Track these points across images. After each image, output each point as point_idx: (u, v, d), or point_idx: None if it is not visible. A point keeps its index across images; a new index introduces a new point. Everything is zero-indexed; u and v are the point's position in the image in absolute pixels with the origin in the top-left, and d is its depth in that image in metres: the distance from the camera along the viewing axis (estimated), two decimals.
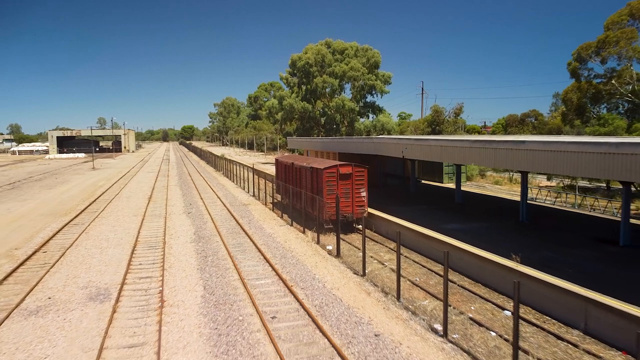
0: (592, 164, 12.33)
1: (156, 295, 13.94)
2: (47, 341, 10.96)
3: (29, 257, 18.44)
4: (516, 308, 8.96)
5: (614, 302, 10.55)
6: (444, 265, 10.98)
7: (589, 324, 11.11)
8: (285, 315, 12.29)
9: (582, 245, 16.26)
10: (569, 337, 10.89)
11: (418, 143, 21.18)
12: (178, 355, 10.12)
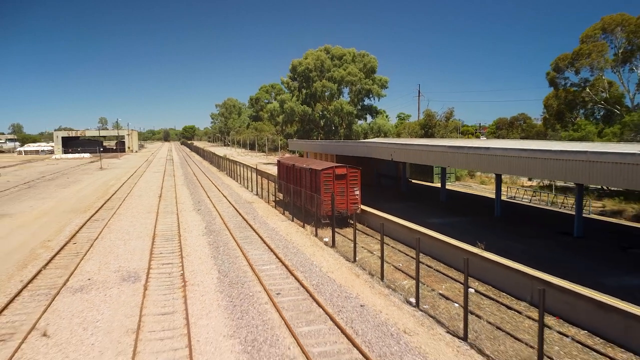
0: (539, 168, 14.96)
1: (179, 277, 16.55)
2: (96, 310, 13.55)
3: (62, 248, 21.03)
4: (466, 280, 11.56)
5: (553, 279, 13.13)
6: (416, 250, 13.57)
7: (534, 297, 13.68)
8: (287, 292, 14.87)
9: (543, 236, 18.87)
10: (517, 307, 13.47)
11: (404, 147, 23.82)
12: (203, 319, 12.72)
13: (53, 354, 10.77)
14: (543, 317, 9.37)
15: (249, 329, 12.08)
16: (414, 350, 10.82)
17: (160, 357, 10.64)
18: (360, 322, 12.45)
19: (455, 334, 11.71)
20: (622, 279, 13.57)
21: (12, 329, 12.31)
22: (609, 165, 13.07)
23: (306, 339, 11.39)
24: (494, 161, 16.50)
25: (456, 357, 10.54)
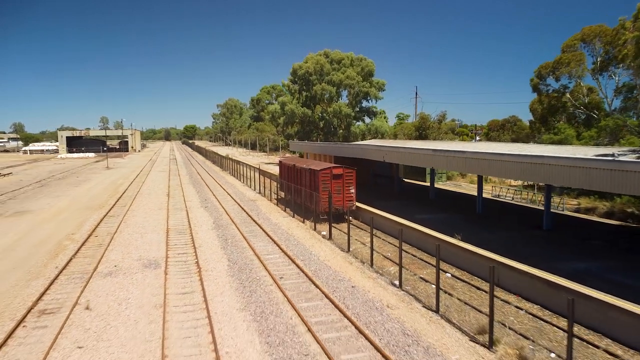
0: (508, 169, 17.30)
1: (194, 264, 18.89)
2: (125, 290, 15.88)
3: (86, 240, 23.35)
4: (437, 263, 13.87)
5: (514, 264, 15.43)
6: (399, 239, 15.90)
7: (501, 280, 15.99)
8: (289, 276, 17.20)
9: (516, 229, 21.20)
10: (484, 287, 15.78)
11: (395, 150, 26.17)
12: (218, 297, 15.04)
13: (97, 322, 13.10)
14: (493, 290, 11.67)
15: (257, 304, 14.41)
16: (394, 320, 13.14)
17: (185, 325, 12.96)
18: (351, 299, 14.78)
19: (430, 308, 14.04)
20: (574, 264, 15.87)
21: (58, 304, 14.64)
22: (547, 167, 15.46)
23: (305, 312, 13.70)
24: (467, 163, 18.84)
25: (428, 324, 12.87)
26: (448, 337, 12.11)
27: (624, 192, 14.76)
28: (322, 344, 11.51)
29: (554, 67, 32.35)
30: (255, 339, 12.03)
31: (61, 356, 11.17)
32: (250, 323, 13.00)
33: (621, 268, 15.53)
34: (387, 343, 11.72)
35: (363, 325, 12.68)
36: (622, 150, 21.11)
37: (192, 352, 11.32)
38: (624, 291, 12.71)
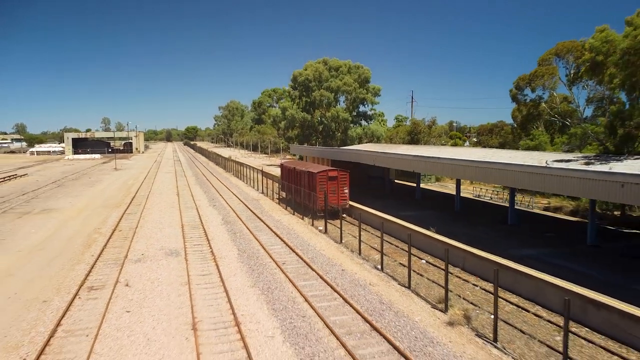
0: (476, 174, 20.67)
1: (209, 253, 22.22)
2: (155, 272, 19.22)
3: (112, 234, 26.68)
4: (409, 250, 17.22)
5: (479, 252, 18.75)
6: (381, 230, 19.24)
7: (465, 264, 19.34)
8: (290, 262, 20.53)
9: (485, 224, 24.55)
10: (452, 271, 19.10)
11: (383, 155, 29.55)
12: (231, 277, 18.37)
13: (138, 294, 16.46)
14: (448, 267, 15.02)
15: (264, 282, 17.76)
16: (374, 293, 16.49)
17: (207, 297, 16.29)
18: (341, 279, 18.12)
19: (404, 285, 17.38)
20: (524, 251, 19.18)
21: (102, 282, 17.99)
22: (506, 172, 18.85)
23: (303, 288, 17.02)
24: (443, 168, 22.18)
25: (400, 297, 16.22)
26: (415, 305, 15.46)
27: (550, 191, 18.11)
28: (316, 310, 14.85)
29: (529, 79, 35.68)
30: (263, 306, 15.38)
31: (115, 317, 14.51)
32: (259, 295, 16.35)
33: (562, 254, 18.85)
34: (367, 309, 15.05)
35: (349, 297, 16.02)
36: (577, 156, 24.44)
37: (215, 314, 14.66)
38: (554, 269, 16.05)
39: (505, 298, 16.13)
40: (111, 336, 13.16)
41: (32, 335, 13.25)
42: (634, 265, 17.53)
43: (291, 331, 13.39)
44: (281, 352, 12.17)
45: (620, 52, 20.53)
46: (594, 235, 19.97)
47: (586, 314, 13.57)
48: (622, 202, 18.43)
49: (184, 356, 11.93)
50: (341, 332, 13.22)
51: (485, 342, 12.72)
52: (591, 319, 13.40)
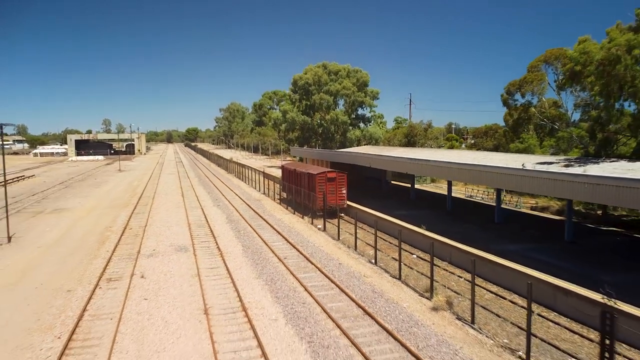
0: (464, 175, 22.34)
1: (216, 249, 23.88)
2: (167, 266, 20.88)
3: (123, 232, 28.34)
4: (399, 245, 18.88)
5: (464, 246, 20.41)
6: (374, 227, 20.90)
7: (452, 258, 20.99)
8: (291, 257, 22.18)
9: (473, 222, 26.21)
10: (440, 264, 20.76)
11: (378, 158, 31.25)
12: (237, 270, 20.02)
13: (153, 284, 18.12)
14: (433, 260, 16.69)
15: (268, 274, 19.42)
16: (367, 284, 18.14)
17: (216, 287, 17.95)
18: (338, 272, 19.78)
19: (395, 276, 19.05)
20: (506, 246, 20.80)
21: (119, 274, 19.65)
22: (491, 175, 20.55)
23: (303, 279, 18.67)
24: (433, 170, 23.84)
25: (391, 287, 17.88)
26: (404, 294, 17.14)
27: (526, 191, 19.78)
28: (315, 297, 16.51)
29: (519, 85, 37.36)
30: (267, 294, 17.04)
31: (134, 304, 16.17)
32: (263, 286, 18.01)
33: (541, 249, 20.49)
34: (360, 297, 16.71)
35: (344, 287, 17.68)
36: (560, 159, 26.11)
37: (224, 301, 16.32)
38: (533, 263, 17.69)
39: (487, 288, 17.80)
40: (133, 319, 14.83)
41: (63, 319, 14.92)
42: (603, 260, 19.18)
43: (292, 315, 15.05)
44: (284, 332, 13.83)
45: (596, 63, 22.21)
46: (571, 233, 21.62)
47: (555, 300, 15.24)
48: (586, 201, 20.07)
49: (198, 335, 13.59)
50: (337, 316, 14.88)
51: (464, 324, 14.39)
52: (559, 304, 15.07)
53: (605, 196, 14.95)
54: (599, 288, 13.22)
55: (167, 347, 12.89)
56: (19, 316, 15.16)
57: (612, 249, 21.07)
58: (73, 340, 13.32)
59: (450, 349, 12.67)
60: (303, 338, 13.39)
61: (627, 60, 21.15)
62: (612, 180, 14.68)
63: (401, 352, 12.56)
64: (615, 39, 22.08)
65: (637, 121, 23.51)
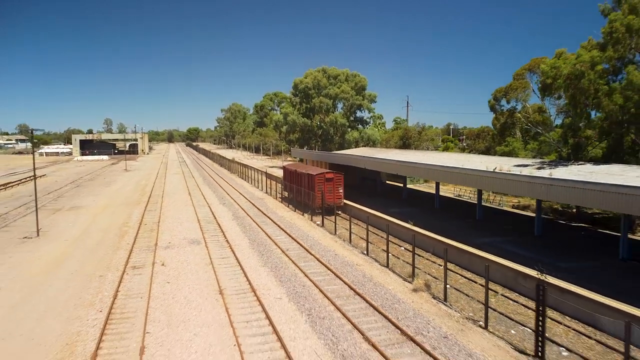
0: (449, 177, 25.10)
1: (225, 242, 26.64)
2: (183, 256, 23.63)
3: (139, 227, 31.10)
4: (387, 238, 21.64)
5: (440, 237, 23.13)
6: (366, 223, 23.65)
7: (435, 250, 23.73)
8: (292, 249, 24.94)
9: (457, 219, 28.96)
10: (424, 255, 23.49)
11: (370, 160, 34.02)
12: (245, 259, 22.79)
13: (173, 271, 20.89)
14: (414, 249, 19.45)
15: (272, 263, 22.19)
16: (359, 271, 20.90)
17: (228, 273, 20.70)
18: (334, 261, 22.54)
19: (383, 265, 21.80)
20: (482, 239, 23.53)
21: (142, 263, 22.41)
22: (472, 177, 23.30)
23: (303, 267, 21.40)
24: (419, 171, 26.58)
25: (379, 273, 20.64)
26: (390, 279, 19.90)
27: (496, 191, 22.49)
28: (313, 281, 19.27)
29: (505, 91, 40.09)
30: (272, 279, 19.81)
31: (159, 286, 18.93)
32: (269, 272, 20.78)
33: (511, 242, 23.25)
34: (352, 281, 19.46)
35: (339, 273, 20.43)
36: (536, 162, 28.84)
37: (235, 284, 19.07)
38: (503, 253, 20.42)
39: (462, 274, 20.56)
40: (159, 298, 17.60)
41: (100, 297, 17.70)
42: (563, 250, 21.92)
43: (294, 295, 17.82)
44: (287, 307, 16.60)
45: (564, 77, 24.90)
46: (540, 228, 24.36)
47: (517, 283, 18.00)
48: (542, 199, 22.73)
49: (216, 310, 16.35)
50: (332, 295, 17.63)
51: (438, 301, 17.16)
52: (520, 287, 17.82)
53: (556, 195, 17.69)
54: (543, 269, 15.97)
55: (191, 317, 15.66)
56: (64, 295, 17.94)
57: (574, 241, 23.85)
58: (113, 314, 16.09)
59: (423, 320, 15.44)
60: (303, 312, 16.15)
61: (590, 75, 23.88)
62: (561, 181, 17.41)
63: (384, 322, 15.32)
64: (582, 55, 24.81)
65: (602, 128, 26.22)
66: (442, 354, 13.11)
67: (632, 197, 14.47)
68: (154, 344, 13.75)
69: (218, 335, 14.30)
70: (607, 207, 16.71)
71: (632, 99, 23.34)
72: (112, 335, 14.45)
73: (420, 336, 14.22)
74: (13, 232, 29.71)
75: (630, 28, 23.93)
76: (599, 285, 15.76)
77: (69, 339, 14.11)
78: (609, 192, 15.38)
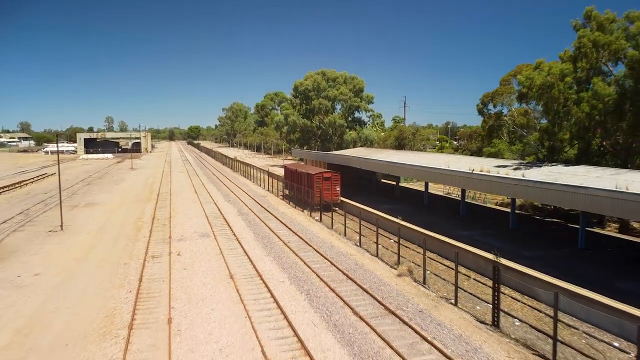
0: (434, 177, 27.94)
1: (232, 235, 29.49)
2: (196, 247, 26.49)
3: (153, 222, 33.93)
4: (377, 231, 24.50)
5: (420, 229, 25.97)
6: (359, 218, 26.50)
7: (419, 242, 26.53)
8: (293, 241, 27.79)
9: (442, 214, 31.82)
10: (410, 246, 26.33)
11: (364, 160, 36.89)
12: (252, 250, 25.65)
13: (188, 259, 23.76)
14: (400, 240, 22.30)
15: (275, 253, 25.06)
16: (352, 260, 23.76)
17: (236, 261, 23.56)
18: (330, 252, 25.40)
19: (373, 255, 24.67)
20: (461, 232, 26.39)
21: (159, 253, 25.26)
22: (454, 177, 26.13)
23: (303, 257, 24.23)
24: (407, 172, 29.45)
25: (370, 261, 23.51)
26: (378, 266, 22.77)
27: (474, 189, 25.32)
28: (311, 268, 22.12)
29: (492, 96, 42.95)
30: (275, 266, 22.67)
31: (177, 272, 21.78)
32: (272, 260, 23.65)
33: (487, 234, 26.11)
34: (345, 268, 22.31)
35: (334, 262, 23.28)
36: (514, 163, 31.63)
37: (244, 271, 21.93)
38: (478, 244, 23.26)
39: (442, 262, 23.42)
40: (179, 281, 20.46)
41: (128, 280, 20.56)
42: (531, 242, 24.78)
43: (295, 279, 20.69)
44: (289, 288, 19.47)
45: (537, 87, 27.69)
46: (514, 222, 27.21)
47: (486, 269, 20.85)
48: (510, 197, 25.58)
49: (228, 291, 19.21)
50: (327, 280, 20.48)
51: (418, 284, 20.03)
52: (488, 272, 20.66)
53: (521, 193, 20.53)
54: (498, 253, 18.80)
55: (208, 296, 18.53)
56: (96, 279, 20.81)
57: (543, 234, 26.72)
58: (141, 293, 18.95)
59: (404, 298, 18.30)
60: (302, 292, 19.02)
61: (560, 86, 26.66)
62: (524, 181, 20.25)
63: (370, 300, 18.18)
64: (553, 67, 27.61)
65: (572, 133, 29.02)
66: (416, 323, 15.97)
67: (575, 194, 17.29)
68: (178, 315, 16.62)
69: (231, 309, 17.17)
70: (558, 203, 19.56)
71: (597, 108, 26.15)
72: (142, 309, 17.31)
73: (400, 311, 17.08)
74: (39, 226, 32.57)
75: (597, 43, 26.71)
76: (553, 269, 18.62)
77: (108, 312, 16.98)
78: (560, 191, 18.22)
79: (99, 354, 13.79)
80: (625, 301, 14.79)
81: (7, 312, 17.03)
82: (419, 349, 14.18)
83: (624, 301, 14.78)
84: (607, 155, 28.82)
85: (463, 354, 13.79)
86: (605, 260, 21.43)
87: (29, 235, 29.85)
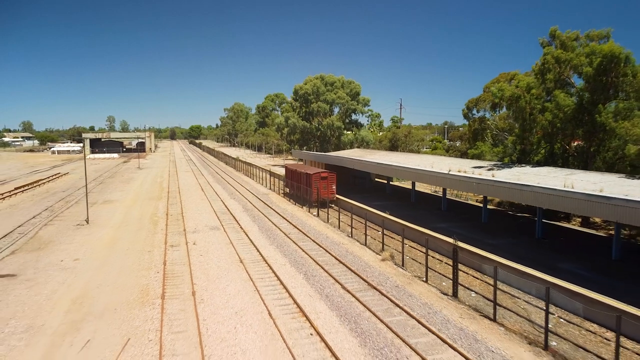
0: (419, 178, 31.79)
1: (239, 228, 33.38)
2: (208, 238, 30.38)
3: (167, 217, 37.82)
4: (365, 223, 28.39)
5: (401, 221, 29.84)
6: (351, 212, 30.39)
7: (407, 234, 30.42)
8: (293, 233, 31.67)
9: (426, 210, 35.70)
10: (395, 237, 30.20)
11: (358, 161, 40.76)
12: (257, 240, 29.53)
13: (202, 248, 27.65)
14: (383, 231, 26.20)
15: (277, 242, 28.96)
16: (343, 248, 27.65)
17: (244, 249, 27.45)
18: (325, 241, 29.29)
19: (362, 244, 28.56)
20: (439, 225, 30.24)
21: (177, 243, 29.16)
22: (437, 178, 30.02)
23: (302, 245, 28.10)
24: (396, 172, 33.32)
25: (359, 249, 27.41)
26: (366, 253, 26.68)
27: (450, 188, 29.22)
28: (309, 254, 26.02)
29: (476, 102, 46.80)
30: (278, 253, 26.58)
31: (195, 258, 25.68)
32: (275, 248, 27.55)
33: (462, 227, 29.98)
34: (337, 254, 26.20)
35: (329, 249, 27.17)
36: (491, 164, 35.51)
37: (251, 257, 25.82)
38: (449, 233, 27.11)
39: (419, 249, 27.29)
40: (197, 264, 24.36)
41: (154, 264, 24.46)
42: (497, 232, 28.66)
43: (294, 262, 24.60)
44: (289, 270, 23.37)
45: (506, 98, 31.53)
46: (486, 216, 31.11)
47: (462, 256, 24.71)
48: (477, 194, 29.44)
49: (239, 272, 23.11)
50: (322, 263, 24.37)
51: (398, 267, 23.93)
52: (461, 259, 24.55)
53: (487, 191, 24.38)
54: (456, 237, 22.66)
55: (222, 276, 22.43)
56: (127, 263, 24.71)
57: (510, 226, 30.59)
58: (166, 273, 22.85)
59: (384, 277, 22.20)
60: (301, 272, 22.93)
61: (526, 98, 30.52)
62: (485, 180, 24.13)
63: (357, 278, 22.08)
64: (521, 81, 31.46)
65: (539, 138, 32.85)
66: (392, 295, 19.86)
67: (522, 192, 21.17)
68: (200, 289, 20.52)
69: (243, 285, 21.08)
70: (514, 199, 23.38)
71: (558, 116, 30.01)
72: (170, 285, 21.22)
73: (381, 286, 20.98)
74: (66, 221, 36.46)
75: (559, 60, 30.56)
76: (508, 253, 22.51)
77: (142, 287, 20.89)
78: (512, 189, 22.10)
79: (142, 315, 17.71)
80: (558, 276, 18.68)
81: (61, 287, 20.95)
82: (392, 312, 18.08)
83: (556, 276, 18.67)
84: (570, 157, 32.65)
85: (425, 315, 17.71)
86: (555, 247, 25.30)
87: (59, 228, 33.73)
